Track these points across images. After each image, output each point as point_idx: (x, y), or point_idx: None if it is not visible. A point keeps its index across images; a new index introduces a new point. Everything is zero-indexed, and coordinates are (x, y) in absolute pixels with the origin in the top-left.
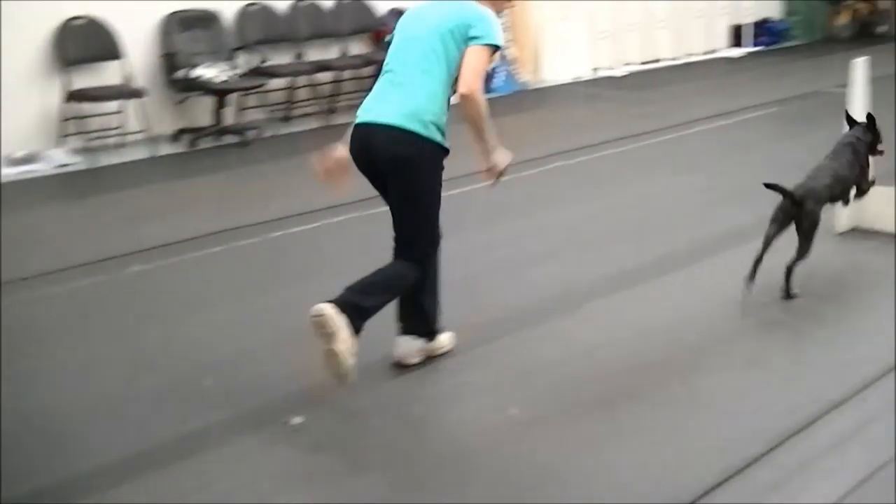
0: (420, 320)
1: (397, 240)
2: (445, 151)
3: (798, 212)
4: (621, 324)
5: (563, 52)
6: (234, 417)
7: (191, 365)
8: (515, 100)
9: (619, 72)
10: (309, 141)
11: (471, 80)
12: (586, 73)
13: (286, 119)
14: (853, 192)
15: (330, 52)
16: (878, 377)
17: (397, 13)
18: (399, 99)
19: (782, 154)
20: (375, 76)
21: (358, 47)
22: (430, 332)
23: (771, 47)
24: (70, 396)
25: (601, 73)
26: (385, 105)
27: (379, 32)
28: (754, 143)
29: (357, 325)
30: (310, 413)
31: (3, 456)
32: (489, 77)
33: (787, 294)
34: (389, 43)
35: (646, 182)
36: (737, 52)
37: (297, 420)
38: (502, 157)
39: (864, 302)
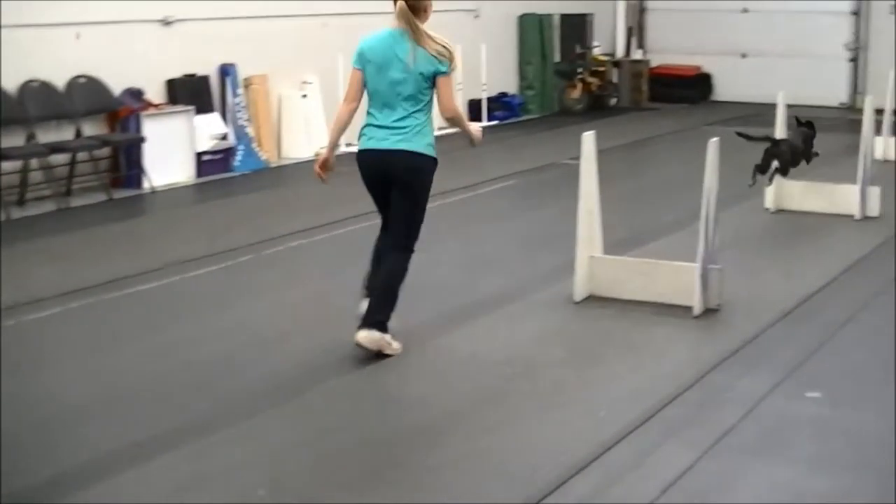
0: (390, 309)
1: (398, 235)
2: (435, 159)
3: (777, 150)
4: (370, 397)
5: (304, 129)
6: None
7: None
8: (256, 178)
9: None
10: (44, 224)
11: (454, 104)
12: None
13: (20, 203)
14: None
15: (64, 134)
16: (619, 439)
17: (133, 92)
18: (409, 132)
19: (522, 224)
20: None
21: (93, 128)
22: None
23: (507, 121)
24: None
25: (342, 150)
26: (397, 136)
27: (116, 113)
28: (494, 214)
29: (386, 327)
30: None
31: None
32: (229, 157)
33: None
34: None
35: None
36: (475, 126)
37: None
38: (476, 128)
39: (602, 367)
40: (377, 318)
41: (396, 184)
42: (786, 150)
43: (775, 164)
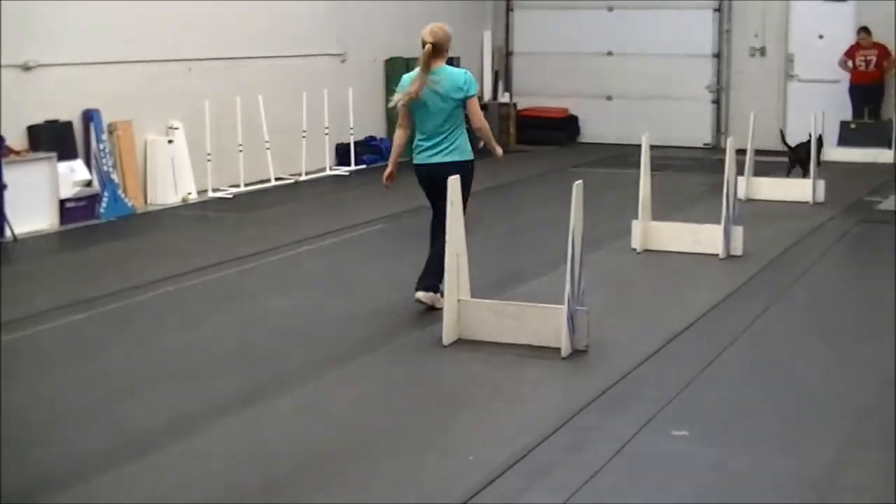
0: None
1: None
2: (472, 161)
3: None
4: (226, 451)
5: (170, 174)
6: None
7: None
8: (122, 225)
9: (228, 193)
10: None
11: (481, 119)
12: (194, 196)
13: None
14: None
15: None
16: (487, 482)
17: None
18: (451, 145)
19: (390, 269)
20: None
21: None
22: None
23: (376, 165)
24: None
25: (209, 196)
26: (443, 150)
27: None
28: (363, 259)
29: (441, 289)
30: None
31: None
32: (94, 204)
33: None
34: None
35: (257, 303)
36: (343, 170)
37: None
38: (500, 149)
39: (471, 410)
40: (432, 282)
41: (443, 188)
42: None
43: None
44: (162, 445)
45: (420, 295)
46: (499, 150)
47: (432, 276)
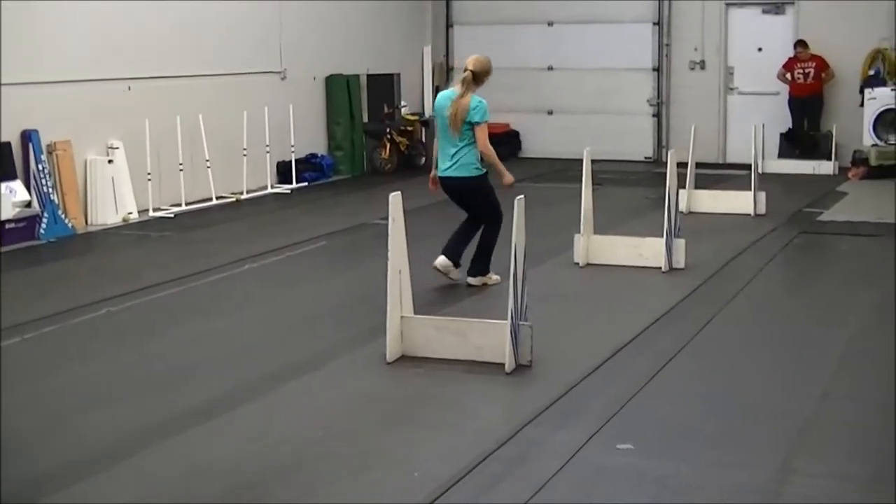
0: (488, 261)
1: (483, 219)
2: (486, 174)
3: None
4: (174, 470)
5: (111, 194)
6: None
7: None
8: (63, 245)
9: (169, 213)
10: None
11: (485, 144)
12: (135, 215)
13: None
14: None
15: None
16: (433, 499)
17: None
18: (458, 161)
19: (333, 286)
20: None
21: None
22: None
23: (317, 182)
24: None
25: (150, 215)
26: (453, 165)
27: None
28: (305, 277)
29: (457, 261)
30: None
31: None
32: (34, 225)
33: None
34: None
35: (200, 322)
36: (285, 188)
37: None
38: (509, 177)
39: (416, 427)
40: (452, 252)
41: (461, 196)
42: None
43: None
44: (103, 467)
45: (437, 262)
46: (507, 178)
47: (453, 249)
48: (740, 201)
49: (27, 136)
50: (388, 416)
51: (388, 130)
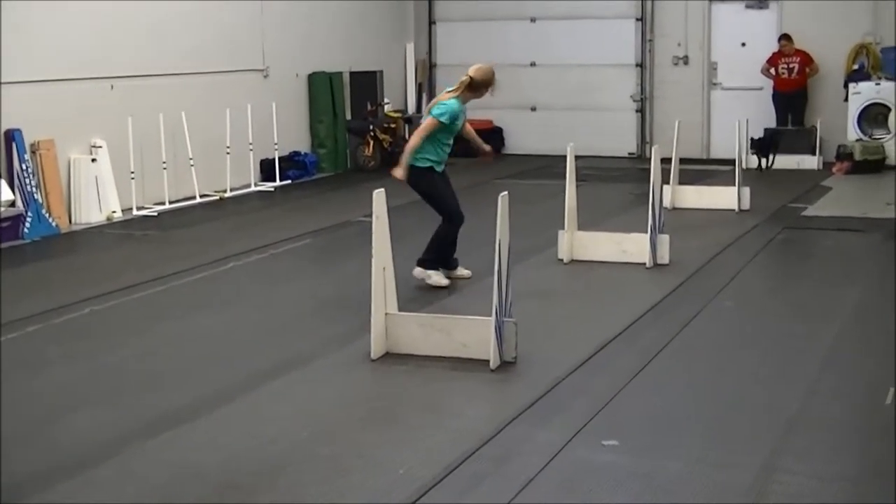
0: (431, 255)
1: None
2: (425, 168)
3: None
4: (159, 470)
5: (95, 193)
6: None
7: None
8: (47, 245)
9: (153, 211)
10: None
11: (414, 135)
12: (119, 214)
13: None
14: None
15: None
16: (418, 497)
17: None
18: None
19: (317, 284)
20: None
21: None
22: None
23: (301, 180)
24: None
25: (134, 214)
26: None
27: None
28: (289, 275)
29: (431, 266)
30: None
31: None
32: (18, 224)
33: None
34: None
35: (184, 321)
36: (268, 185)
37: None
38: (398, 171)
39: (400, 424)
40: (421, 258)
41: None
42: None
43: None
44: (88, 467)
45: (414, 271)
46: (398, 172)
47: (424, 252)
48: (724, 197)
49: (10, 136)
50: (372, 414)
51: (371, 128)
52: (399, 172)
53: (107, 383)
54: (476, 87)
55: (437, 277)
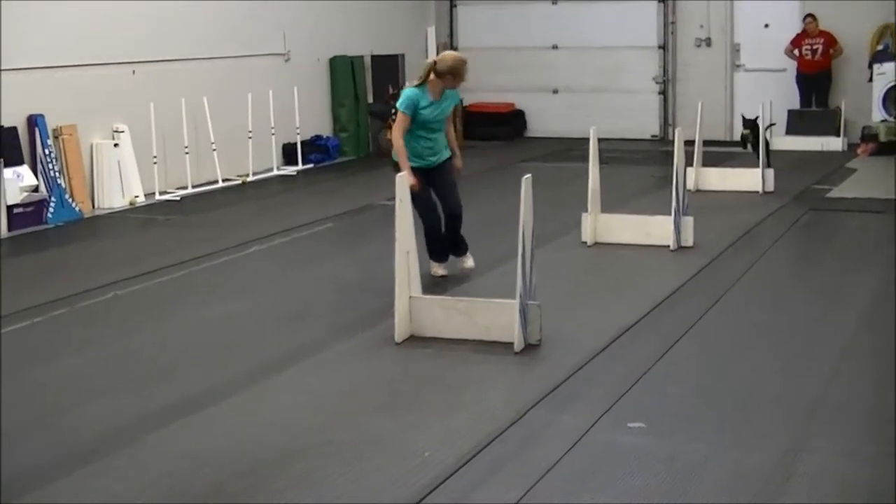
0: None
1: None
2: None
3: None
4: (176, 457)
5: (117, 178)
6: None
7: None
8: (71, 230)
9: (175, 196)
10: None
11: (391, 133)
12: (141, 199)
13: None
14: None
15: None
16: (442, 480)
17: None
18: None
19: (339, 268)
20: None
21: None
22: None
23: (323, 164)
24: None
25: (157, 199)
26: None
27: None
28: (311, 258)
29: (431, 258)
30: None
31: None
32: (42, 209)
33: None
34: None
35: (207, 306)
36: (290, 169)
37: None
38: (409, 176)
39: (424, 408)
40: (444, 252)
41: None
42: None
43: None
44: (105, 453)
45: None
46: (407, 176)
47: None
48: (748, 179)
49: (33, 121)
50: (396, 397)
51: (392, 111)
52: (410, 179)
53: (127, 369)
54: (440, 74)
55: (434, 268)
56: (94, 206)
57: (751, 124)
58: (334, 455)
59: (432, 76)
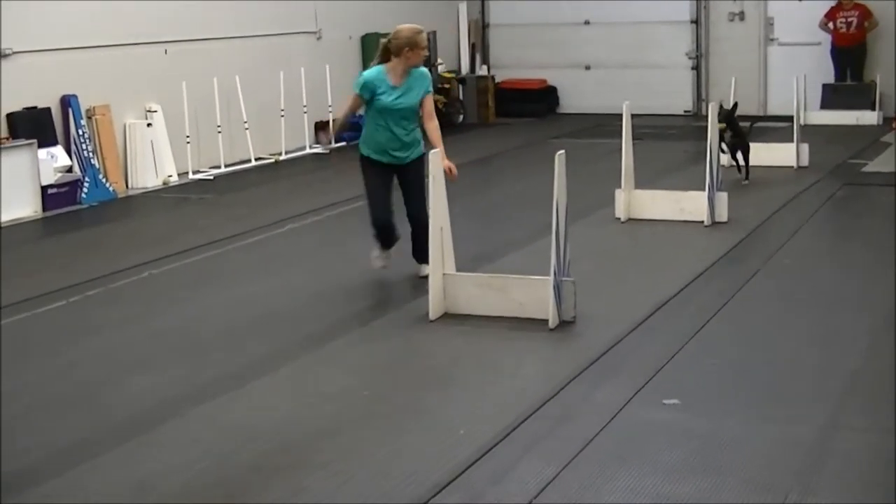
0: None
1: None
2: (362, 156)
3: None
4: (216, 432)
5: (150, 157)
6: None
7: None
8: (105, 209)
9: (208, 175)
10: None
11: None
12: (174, 178)
13: None
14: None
15: None
16: (478, 457)
17: None
18: None
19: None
20: None
21: None
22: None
23: (356, 142)
24: None
25: (190, 178)
26: None
27: None
28: (346, 236)
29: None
30: None
31: None
32: (76, 189)
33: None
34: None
35: (241, 284)
36: (323, 148)
37: None
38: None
39: (459, 385)
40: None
41: None
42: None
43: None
44: (145, 430)
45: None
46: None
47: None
48: (782, 153)
49: (66, 102)
50: (432, 374)
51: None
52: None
53: (164, 346)
54: (397, 51)
55: (373, 258)
56: (127, 186)
57: (727, 116)
58: (373, 429)
59: (392, 59)
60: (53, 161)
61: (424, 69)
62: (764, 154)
